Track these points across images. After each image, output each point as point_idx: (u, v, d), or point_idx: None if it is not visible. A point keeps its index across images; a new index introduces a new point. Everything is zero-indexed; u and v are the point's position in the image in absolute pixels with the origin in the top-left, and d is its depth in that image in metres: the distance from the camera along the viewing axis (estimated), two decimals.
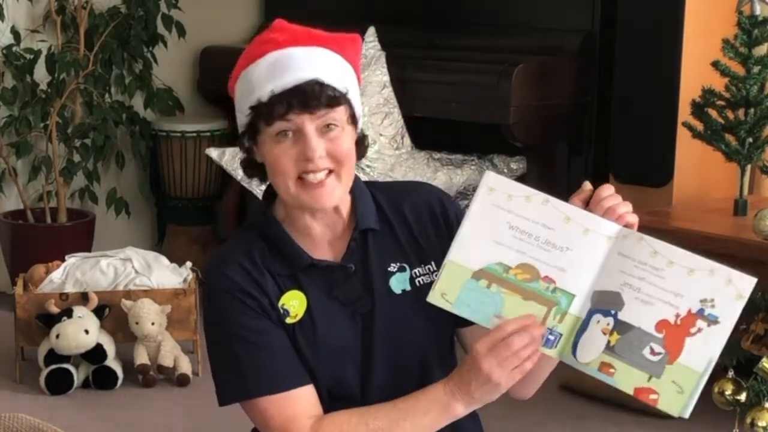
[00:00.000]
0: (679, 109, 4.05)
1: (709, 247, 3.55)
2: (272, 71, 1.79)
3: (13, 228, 4.90)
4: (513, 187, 1.78)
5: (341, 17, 5.12)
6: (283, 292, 1.86)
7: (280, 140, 1.80)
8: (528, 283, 1.75)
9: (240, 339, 1.84)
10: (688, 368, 1.66)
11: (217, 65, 5.25)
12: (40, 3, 5.06)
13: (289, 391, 1.83)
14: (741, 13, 3.78)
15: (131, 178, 5.36)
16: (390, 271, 1.90)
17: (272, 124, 1.79)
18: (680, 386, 1.66)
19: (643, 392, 1.69)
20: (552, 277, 1.74)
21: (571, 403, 3.80)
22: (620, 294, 1.72)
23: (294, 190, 1.82)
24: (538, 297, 1.75)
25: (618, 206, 1.80)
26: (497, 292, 1.76)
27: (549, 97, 4.37)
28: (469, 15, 4.79)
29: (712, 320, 1.66)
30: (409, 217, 1.94)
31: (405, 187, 2.07)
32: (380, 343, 1.87)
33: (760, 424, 3.04)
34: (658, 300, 1.69)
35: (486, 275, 1.76)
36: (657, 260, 1.70)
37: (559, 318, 1.74)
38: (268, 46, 1.83)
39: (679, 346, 1.67)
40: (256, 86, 1.80)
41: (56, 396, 3.97)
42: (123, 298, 4.07)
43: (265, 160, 1.84)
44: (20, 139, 4.88)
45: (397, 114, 4.48)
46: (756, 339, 3.13)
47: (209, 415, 3.72)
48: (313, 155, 1.79)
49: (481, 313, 1.77)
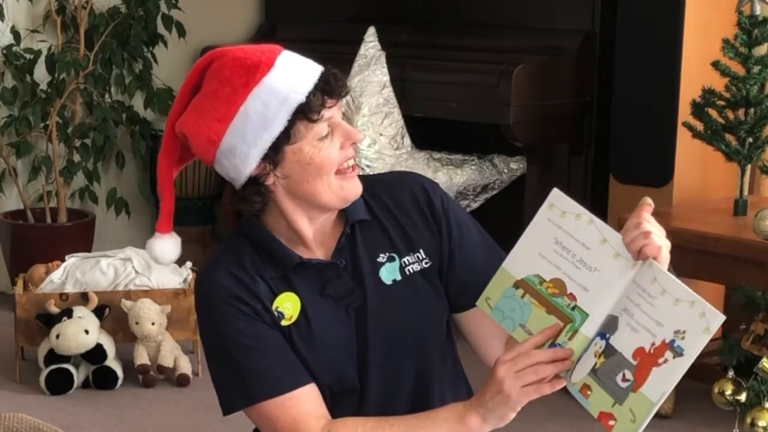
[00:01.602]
0: (679, 109, 4.05)
1: (709, 247, 3.56)
2: (293, 72, 1.79)
3: (13, 228, 4.90)
4: (569, 204, 1.81)
5: (341, 17, 5.12)
6: (276, 295, 1.85)
7: (322, 140, 1.80)
8: (555, 297, 1.77)
9: (237, 346, 1.83)
10: (646, 398, 1.66)
11: None
12: (40, 3, 5.06)
13: (292, 391, 1.82)
14: (741, 13, 3.78)
15: (131, 178, 5.36)
16: (379, 261, 1.90)
17: (317, 120, 1.79)
18: (634, 415, 1.67)
19: (604, 417, 1.70)
20: (575, 295, 1.76)
21: (571, 403, 3.78)
22: (618, 318, 1.72)
23: (336, 184, 1.83)
24: (559, 312, 1.76)
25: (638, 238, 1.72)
26: (528, 303, 1.79)
27: (549, 97, 4.37)
28: (469, 15, 4.79)
29: (678, 352, 1.64)
30: (392, 206, 1.94)
31: (387, 178, 2.07)
32: (375, 335, 1.87)
33: (760, 424, 3.04)
34: (643, 327, 1.68)
35: (524, 285, 1.80)
36: (653, 287, 1.70)
37: (570, 335, 1.75)
38: (267, 55, 1.80)
39: (645, 375, 1.66)
40: (289, 91, 1.77)
41: (56, 396, 3.97)
42: (123, 298, 4.07)
43: (301, 168, 1.81)
44: (20, 139, 4.88)
45: (397, 114, 4.48)
46: (756, 339, 3.13)
47: (209, 415, 3.72)
48: (357, 136, 1.82)
49: (510, 320, 1.80)
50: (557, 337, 1.75)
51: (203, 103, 1.81)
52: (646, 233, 1.71)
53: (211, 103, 1.80)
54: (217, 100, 1.79)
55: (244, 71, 1.78)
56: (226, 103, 1.79)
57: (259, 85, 1.78)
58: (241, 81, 1.78)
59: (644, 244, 1.70)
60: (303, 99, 1.77)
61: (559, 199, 1.81)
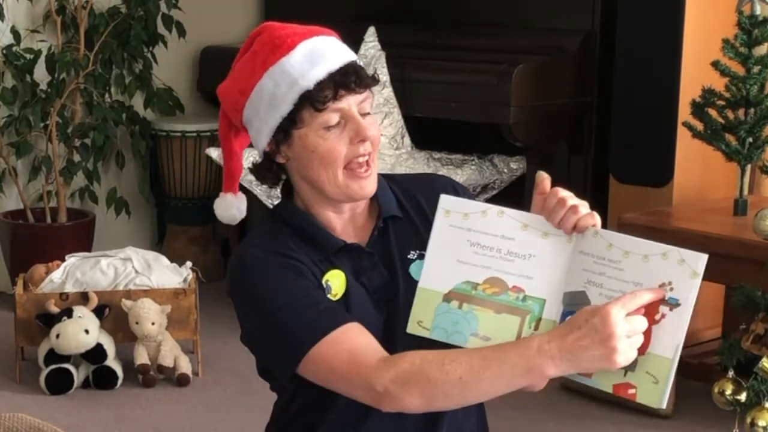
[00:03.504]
0: (679, 109, 4.05)
1: (709, 247, 3.55)
2: (311, 59, 1.79)
3: (13, 228, 4.90)
4: (468, 205, 1.80)
5: (341, 17, 5.11)
6: (324, 272, 1.84)
7: (329, 129, 1.80)
8: (497, 296, 1.75)
9: (276, 301, 1.77)
10: (659, 356, 1.65)
11: (217, 65, 5.24)
12: (40, 3, 5.06)
13: (342, 326, 1.76)
14: (741, 13, 3.78)
15: (131, 178, 5.36)
16: (410, 258, 1.89)
17: (322, 110, 1.78)
18: (654, 376, 1.65)
19: (621, 388, 1.68)
20: (520, 286, 1.75)
21: (571, 403, 3.79)
22: (585, 292, 1.71)
23: (342, 180, 1.82)
24: (510, 308, 1.74)
25: (567, 215, 1.74)
26: (469, 311, 1.76)
27: (549, 97, 4.37)
28: (469, 15, 4.79)
29: (673, 303, 1.64)
30: (424, 205, 1.93)
31: (418, 177, 2.08)
32: (402, 330, 1.82)
33: (760, 424, 3.04)
34: (620, 292, 1.67)
35: (456, 296, 1.77)
36: (613, 252, 1.70)
37: (534, 325, 1.73)
38: (294, 38, 1.82)
39: (647, 336, 1.65)
40: (299, 77, 1.78)
41: (56, 396, 3.97)
42: (123, 298, 4.07)
43: (306, 154, 1.82)
44: (20, 139, 4.88)
45: (397, 114, 4.48)
46: (756, 339, 3.13)
47: (209, 415, 3.72)
48: (367, 134, 1.80)
49: (458, 335, 1.76)
50: (520, 331, 1.73)
51: (235, 70, 1.87)
52: (573, 207, 1.73)
53: (240, 74, 1.86)
54: (243, 72, 1.85)
55: (268, 48, 1.82)
56: (247, 77, 1.84)
57: (275, 65, 1.80)
58: (262, 58, 1.82)
59: (577, 217, 1.72)
60: (311, 86, 1.78)
61: (453, 204, 1.80)
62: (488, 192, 4.48)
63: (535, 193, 1.81)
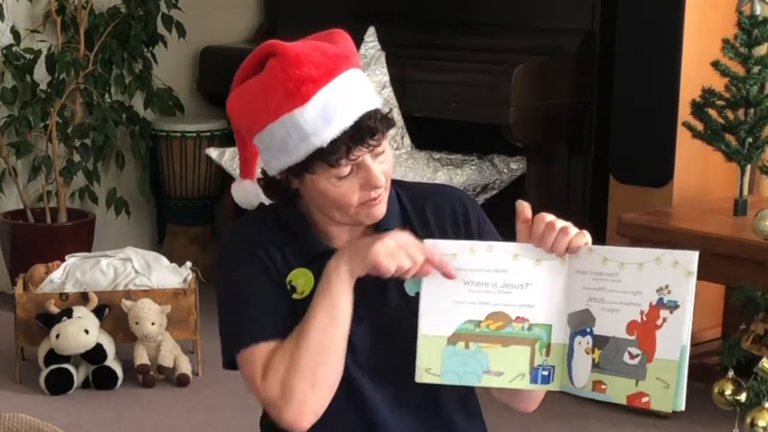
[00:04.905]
0: (679, 109, 4.05)
1: (709, 247, 3.55)
2: (325, 115, 1.75)
3: (13, 228, 4.90)
4: (454, 245, 1.79)
5: (341, 17, 5.10)
6: (291, 269, 1.85)
7: (341, 179, 1.79)
8: (503, 329, 1.75)
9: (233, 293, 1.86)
10: (667, 360, 1.66)
11: (217, 65, 5.25)
12: (40, 3, 5.06)
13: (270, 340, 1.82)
14: (741, 13, 3.78)
15: (131, 178, 5.36)
16: None
17: (337, 166, 1.77)
18: (665, 381, 1.66)
19: (635, 398, 1.69)
20: (523, 316, 1.75)
21: (571, 403, 3.78)
22: (589, 310, 1.73)
23: (352, 212, 1.82)
24: (517, 339, 1.75)
25: (559, 237, 1.76)
26: (477, 350, 1.76)
27: (549, 97, 4.37)
28: (469, 15, 4.79)
29: (672, 306, 1.66)
30: (430, 218, 1.93)
31: (429, 188, 2.07)
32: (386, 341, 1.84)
33: (760, 424, 3.04)
34: (621, 304, 1.69)
35: (460, 337, 1.76)
36: (609, 266, 1.71)
37: (545, 351, 1.75)
38: (309, 87, 1.75)
39: (652, 342, 1.67)
40: (311, 133, 1.75)
41: (56, 396, 3.97)
42: (123, 298, 4.07)
43: (317, 194, 1.82)
44: (20, 139, 4.88)
45: (397, 114, 4.48)
46: (756, 339, 3.13)
47: (209, 415, 3.72)
48: (378, 183, 1.79)
49: (470, 375, 1.77)
50: (532, 360, 1.74)
51: (245, 92, 1.82)
52: (563, 229, 1.75)
53: (250, 103, 1.81)
54: (254, 103, 1.80)
55: (281, 92, 1.76)
56: (258, 113, 1.80)
57: (288, 114, 1.76)
58: (275, 102, 1.77)
59: (569, 238, 1.75)
60: (324, 145, 1.75)
61: (437, 246, 1.79)
62: (488, 192, 4.48)
63: (518, 223, 1.82)
